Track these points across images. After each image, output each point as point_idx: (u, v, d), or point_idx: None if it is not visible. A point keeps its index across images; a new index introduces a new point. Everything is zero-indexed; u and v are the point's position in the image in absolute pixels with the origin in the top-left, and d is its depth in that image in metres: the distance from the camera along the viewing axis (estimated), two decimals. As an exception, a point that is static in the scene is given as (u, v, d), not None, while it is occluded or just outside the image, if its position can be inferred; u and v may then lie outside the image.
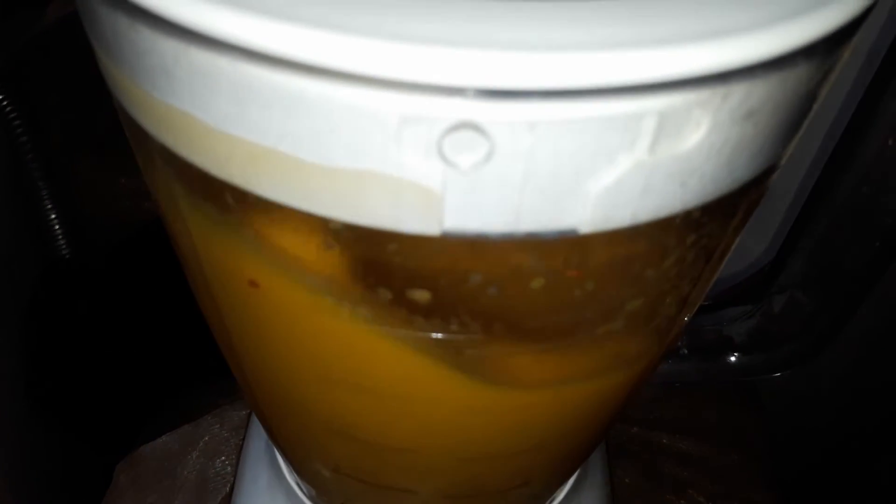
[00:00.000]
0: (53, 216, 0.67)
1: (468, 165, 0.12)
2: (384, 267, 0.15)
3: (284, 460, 0.30)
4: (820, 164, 0.25)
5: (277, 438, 0.25)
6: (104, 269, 0.67)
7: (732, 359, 0.30)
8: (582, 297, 0.16)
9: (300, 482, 0.29)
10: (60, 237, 0.67)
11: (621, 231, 0.14)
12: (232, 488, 0.45)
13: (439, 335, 0.16)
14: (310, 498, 0.29)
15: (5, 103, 0.66)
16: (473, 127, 0.12)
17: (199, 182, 0.15)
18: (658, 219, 0.14)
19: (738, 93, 0.13)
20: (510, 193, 0.13)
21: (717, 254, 0.18)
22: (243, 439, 0.34)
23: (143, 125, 0.15)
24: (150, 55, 0.13)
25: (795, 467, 0.67)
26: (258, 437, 0.32)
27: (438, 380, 0.18)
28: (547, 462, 0.23)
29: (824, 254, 0.26)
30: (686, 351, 0.29)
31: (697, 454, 0.56)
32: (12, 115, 0.67)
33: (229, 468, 0.50)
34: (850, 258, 0.25)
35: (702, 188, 0.14)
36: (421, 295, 0.16)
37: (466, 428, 0.19)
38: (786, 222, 0.27)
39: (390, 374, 0.18)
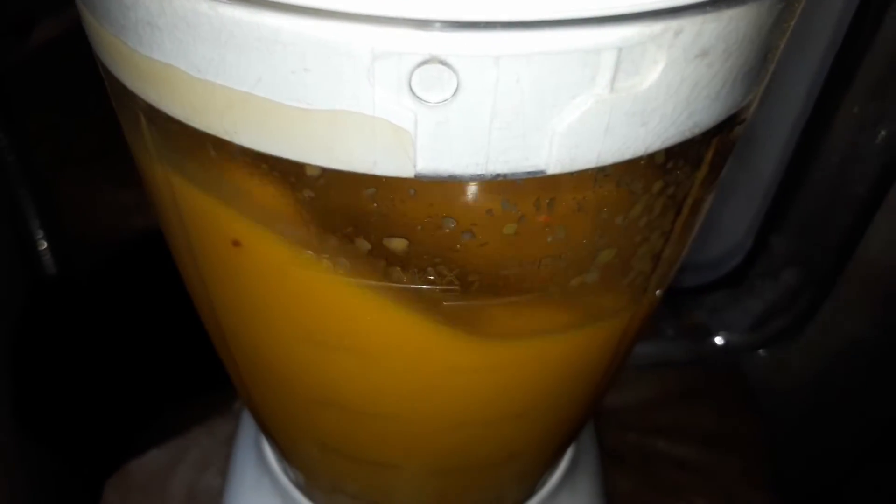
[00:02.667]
0: (40, 234, 0.67)
1: (437, 101, 0.13)
2: (361, 215, 0.16)
3: (273, 448, 0.30)
4: (794, 142, 0.26)
5: (264, 418, 0.25)
6: (91, 286, 0.67)
7: (718, 339, 0.30)
8: (554, 244, 0.17)
9: (288, 470, 0.29)
10: (47, 254, 0.68)
11: (588, 173, 0.15)
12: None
13: (417, 286, 0.17)
14: (297, 485, 0.29)
15: (-9, 123, 0.67)
16: (440, 61, 0.13)
17: (182, 137, 0.16)
18: (623, 160, 0.15)
19: (690, 29, 0.14)
20: (478, 132, 0.14)
21: (686, 207, 0.18)
22: (234, 439, 0.34)
23: (127, 85, 0.16)
24: (136, 8, 0.14)
25: (796, 473, 0.68)
26: (247, 432, 0.33)
27: (419, 336, 0.19)
28: (532, 432, 0.23)
29: (802, 229, 0.27)
30: (672, 332, 0.30)
31: (696, 460, 0.57)
32: (-2, 134, 0.68)
33: (220, 480, 0.50)
34: (827, 230, 0.26)
35: (663, 130, 0.15)
36: (398, 244, 0.16)
37: (449, 389, 0.20)
38: (765, 203, 0.28)
39: (371, 332, 0.19)
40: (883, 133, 0.23)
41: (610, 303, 0.20)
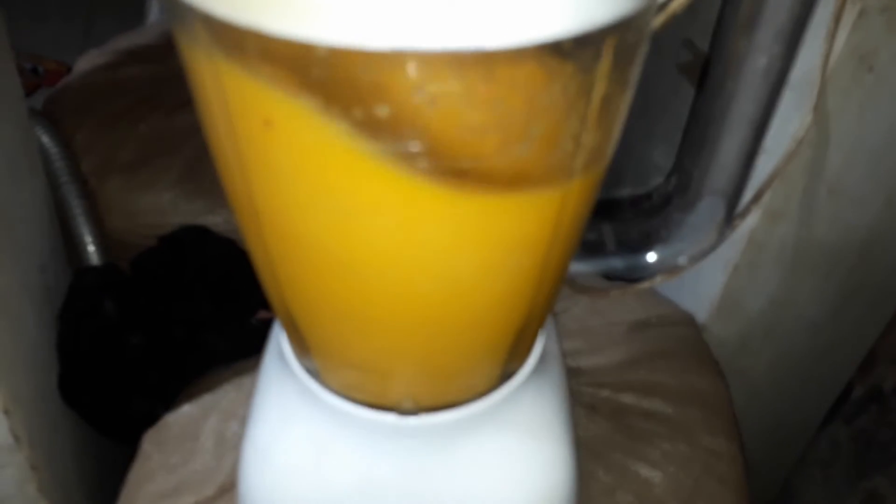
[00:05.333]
0: (85, 230, 0.73)
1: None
2: (355, 86, 0.21)
3: (293, 347, 0.35)
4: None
5: (287, 296, 0.30)
6: (129, 276, 0.73)
7: (650, 255, 0.36)
8: (496, 113, 0.22)
9: (305, 360, 0.35)
10: (91, 248, 0.73)
11: (514, 51, 0.21)
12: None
13: (398, 147, 0.23)
14: (312, 374, 0.35)
15: (43, 137, 0.74)
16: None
17: (229, 36, 0.22)
18: (539, 42, 0.21)
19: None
20: (434, 14, 0.20)
21: (595, 97, 0.24)
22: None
23: (185, 0, 0.22)
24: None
25: (754, 430, 0.72)
26: (273, 345, 0.38)
27: (402, 194, 0.24)
28: (494, 297, 0.29)
29: (711, 152, 0.32)
30: (613, 249, 0.35)
31: (661, 411, 0.61)
32: (49, 146, 0.74)
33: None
34: (729, 150, 0.31)
35: (567, 20, 0.21)
36: (382, 110, 0.22)
37: (424, 242, 0.25)
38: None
39: (367, 191, 0.24)
40: (763, 61, 0.28)
41: (546, 175, 0.25)
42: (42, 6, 1.43)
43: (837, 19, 0.42)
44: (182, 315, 0.68)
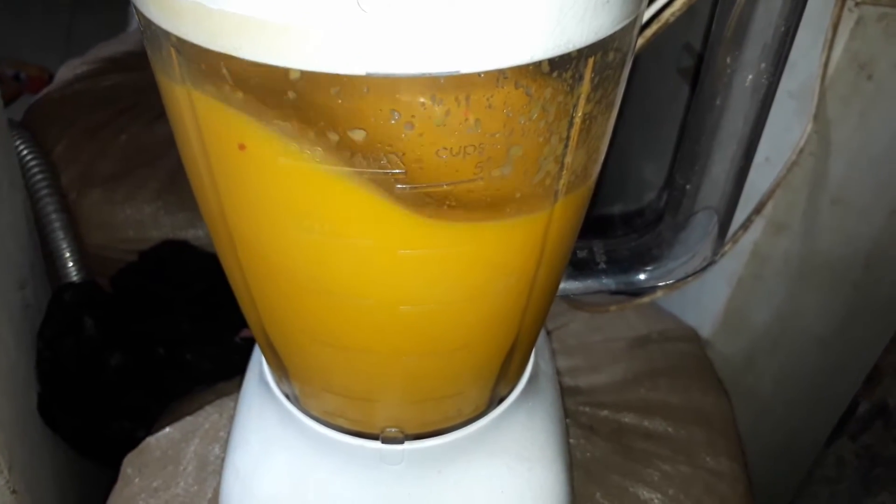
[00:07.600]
0: (65, 245, 0.74)
1: (372, 7, 0.19)
2: (330, 110, 0.22)
3: (272, 373, 0.36)
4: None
5: (265, 319, 0.31)
6: (109, 293, 0.73)
7: (642, 275, 0.36)
8: (473, 135, 0.23)
9: (285, 386, 0.35)
10: (70, 264, 0.74)
11: (491, 74, 0.21)
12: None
13: (375, 171, 0.23)
14: (293, 399, 0.35)
15: (23, 149, 0.74)
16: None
17: (202, 60, 0.22)
18: (517, 65, 0.21)
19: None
20: (408, 39, 0.20)
21: (577, 119, 0.24)
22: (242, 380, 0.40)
23: (161, 25, 0.22)
24: (170, -40, 0.20)
25: (760, 447, 0.72)
26: (253, 368, 0.38)
27: (379, 217, 0.24)
28: (479, 319, 0.29)
29: (702, 168, 0.32)
30: (604, 267, 0.36)
31: (662, 431, 0.61)
32: (29, 158, 0.75)
33: (228, 451, 0.55)
34: (720, 165, 0.32)
35: (543, 41, 0.21)
36: (358, 134, 0.22)
37: (405, 269, 0.26)
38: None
39: (343, 214, 0.24)
40: (750, 77, 0.29)
41: (528, 199, 0.26)
42: (24, 7, 1.44)
43: (835, 27, 0.43)
44: (163, 334, 0.68)
